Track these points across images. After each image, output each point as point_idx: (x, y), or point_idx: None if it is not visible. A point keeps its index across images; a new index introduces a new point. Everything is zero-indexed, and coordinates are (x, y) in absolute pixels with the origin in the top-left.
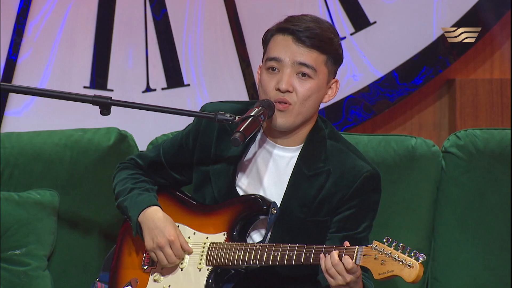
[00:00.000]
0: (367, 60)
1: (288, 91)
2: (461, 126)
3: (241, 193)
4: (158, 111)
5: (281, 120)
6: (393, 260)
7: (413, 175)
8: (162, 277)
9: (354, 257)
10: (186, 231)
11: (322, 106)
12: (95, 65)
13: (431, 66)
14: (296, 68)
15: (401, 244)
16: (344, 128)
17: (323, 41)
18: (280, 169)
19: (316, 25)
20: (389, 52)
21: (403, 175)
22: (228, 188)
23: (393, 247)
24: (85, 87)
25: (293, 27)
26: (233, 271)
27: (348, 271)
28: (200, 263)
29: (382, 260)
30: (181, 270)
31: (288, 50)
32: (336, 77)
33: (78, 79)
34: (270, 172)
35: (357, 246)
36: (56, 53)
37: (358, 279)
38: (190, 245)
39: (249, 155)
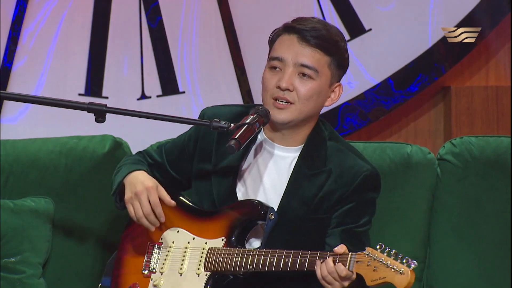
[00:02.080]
0: (362, 68)
1: (288, 89)
2: (457, 134)
3: (240, 196)
4: (153, 119)
5: (280, 116)
6: (385, 266)
7: (409, 182)
8: (161, 281)
9: (348, 263)
10: (186, 236)
11: None
12: (90, 73)
13: (427, 74)
14: (298, 69)
15: (393, 250)
16: (340, 135)
17: (327, 42)
18: (281, 170)
19: (323, 27)
20: (385, 60)
21: (399, 182)
22: (228, 192)
23: (385, 254)
24: (80, 94)
25: (299, 26)
26: (231, 277)
27: (342, 278)
28: (198, 268)
29: (374, 267)
30: (181, 276)
31: (291, 50)
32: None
33: (73, 86)
34: (271, 173)
35: (350, 253)
36: (51, 61)
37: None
38: (189, 251)
39: (250, 157)
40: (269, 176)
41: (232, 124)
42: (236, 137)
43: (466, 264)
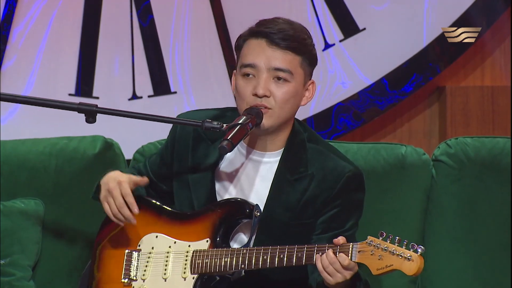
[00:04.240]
0: (356, 67)
1: (265, 95)
2: (452, 134)
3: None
4: (145, 119)
5: (263, 121)
6: (391, 254)
7: (403, 183)
8: None
9: (350, 254)
10: (166, 240)
11: (311, 114)
12: (81, 72)
13: (421, 73)
14: (272, 73)
15: (397, 237)
16: (333, 136)
17: (297, 41)
18: (261, 175)
19: (289, 27)
20: (379, 59)
21: (393, 183)
22: (207, 196)
23: (388, 241)
24: (70, 94)
25: (266, 30)
26: (218, 278)
27: (345, 267)
28: (184, 272)
29: (379, 255)
30: (165, 281)
31: (263, 55)
32: (312, 78)
33: (63, 86)
34: (250, 178)
35: (351, 243)
36: (41, 60)
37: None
38: (172, 255)
39: (226, 162)
40: (248, 182)
41: (224, 125)
42: (228, 137)
43: (461, 266)
